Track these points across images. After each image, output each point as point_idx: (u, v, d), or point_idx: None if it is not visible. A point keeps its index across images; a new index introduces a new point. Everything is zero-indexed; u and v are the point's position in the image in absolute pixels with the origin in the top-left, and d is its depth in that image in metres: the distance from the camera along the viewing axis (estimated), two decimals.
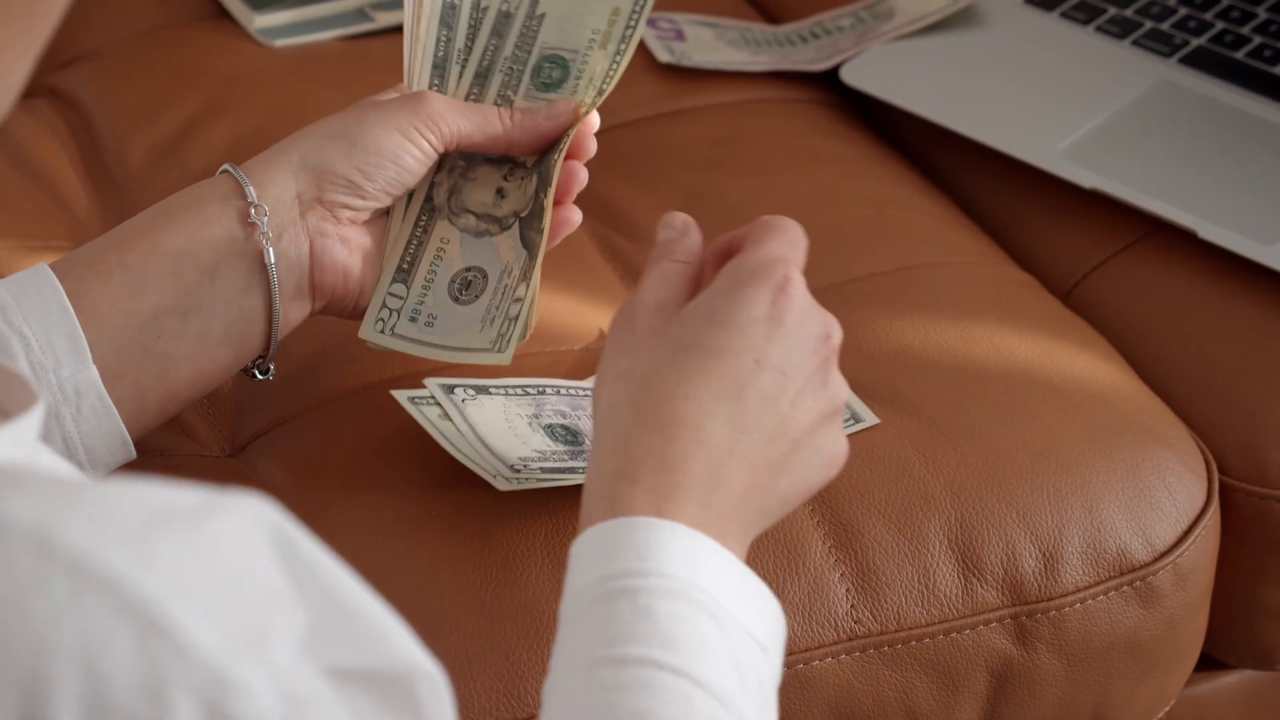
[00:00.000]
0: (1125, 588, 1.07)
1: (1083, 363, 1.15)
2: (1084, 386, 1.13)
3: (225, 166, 1.02)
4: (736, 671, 0.83)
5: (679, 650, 0.82)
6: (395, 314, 1.04)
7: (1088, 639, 1.06)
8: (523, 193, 1.05)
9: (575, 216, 1.06)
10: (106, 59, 1.39)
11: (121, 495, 0.65)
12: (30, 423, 0.72)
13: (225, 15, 1.42)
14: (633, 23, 1.04)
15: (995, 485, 1.07)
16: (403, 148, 1.02)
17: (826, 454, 0.91)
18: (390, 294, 1.04)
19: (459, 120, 1.03)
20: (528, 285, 1.02)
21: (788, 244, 0.92)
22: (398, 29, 1.42)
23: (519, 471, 1.00)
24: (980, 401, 1.10)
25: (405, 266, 1.04)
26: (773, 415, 0.89)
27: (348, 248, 1.03)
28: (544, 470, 1.00)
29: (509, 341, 1.02)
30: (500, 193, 1.05)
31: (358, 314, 1.05)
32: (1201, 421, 1.16)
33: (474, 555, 1.01)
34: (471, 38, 1.06)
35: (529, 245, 1.04)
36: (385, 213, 1.05)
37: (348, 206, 1.02)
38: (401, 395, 1.04)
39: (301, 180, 1.01)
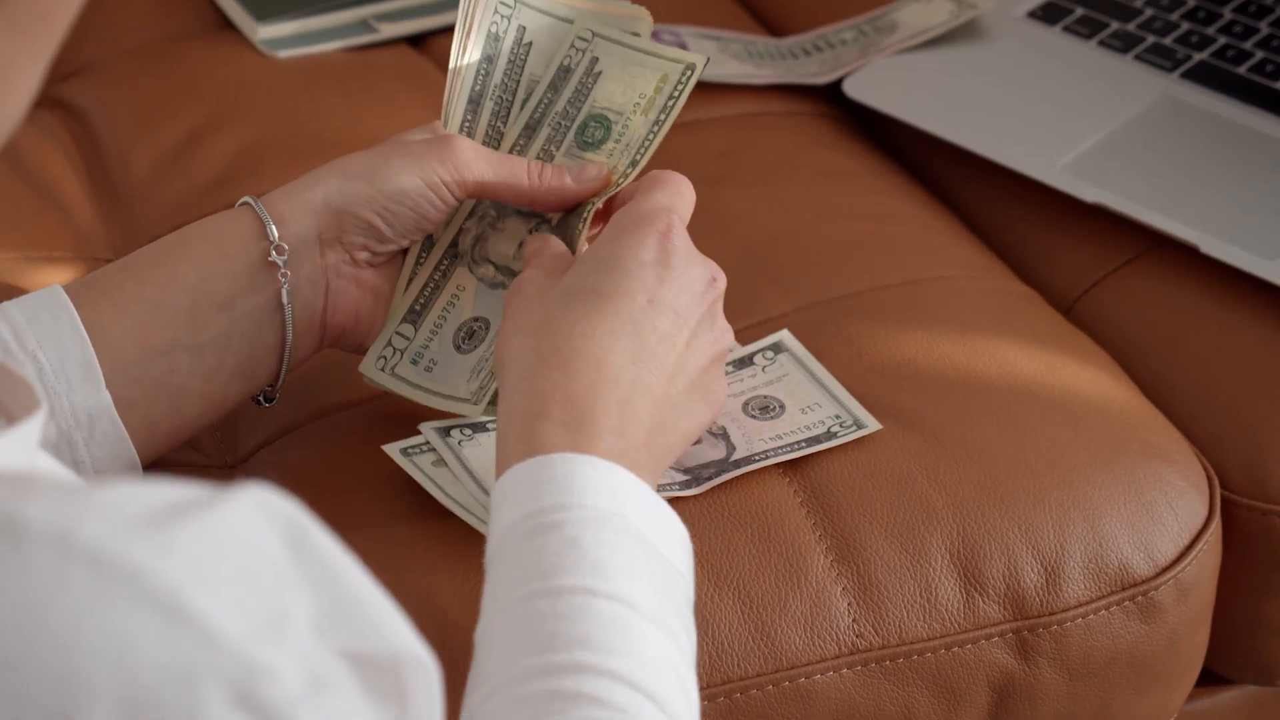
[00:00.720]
0: (1127, 602, 1.07)
1: (1085, 377, 1.15)
2: (1086, 401, 1.13)
3: (246, 199, 1.01)
4: (664, 593, 0.86)
5: (609, 576, 0.85)
6: (399, 354, 1.04)
7: (1089, 654, 1.06)
8: None
9: None
10: (111, 69, 1.39)
11: (131, 492, 0.65)
12: (33, 427, 0.72)
13: (229, 26, 1.42)
14: (676, 93, 1.04)
15: (997, 499, 1.07)
16: (424, 195, 1.01)
17: (713, 394, 0.96)
18: (398, 333, 1.04)
19: (484, 170, 1.02)
20: None
21: (671, 194, 0.97)
22: (401, 41, 1.42)
23: None
24: (982, 415, 1.10)
25: (417, 309, 1.04)
26: (670, 353, 0.93)
27: (361, 289, 1.03)
28: None
29: (486, 396, 1.01)
30: (523, 247, 1.04)
31: (363, 350, 1.05)
32: (1203, 436, 1.16)
33: (474, 569, 1.01)
34: (509, 74, 1.05)
35: None
36: (402, 254, 1.05)
37: (366, 248, 1.02)
38: (393, 449, 1.03)
39: (324, 220, 1.01)
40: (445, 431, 1.04)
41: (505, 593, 0.86)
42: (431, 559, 1.02)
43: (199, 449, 1.11)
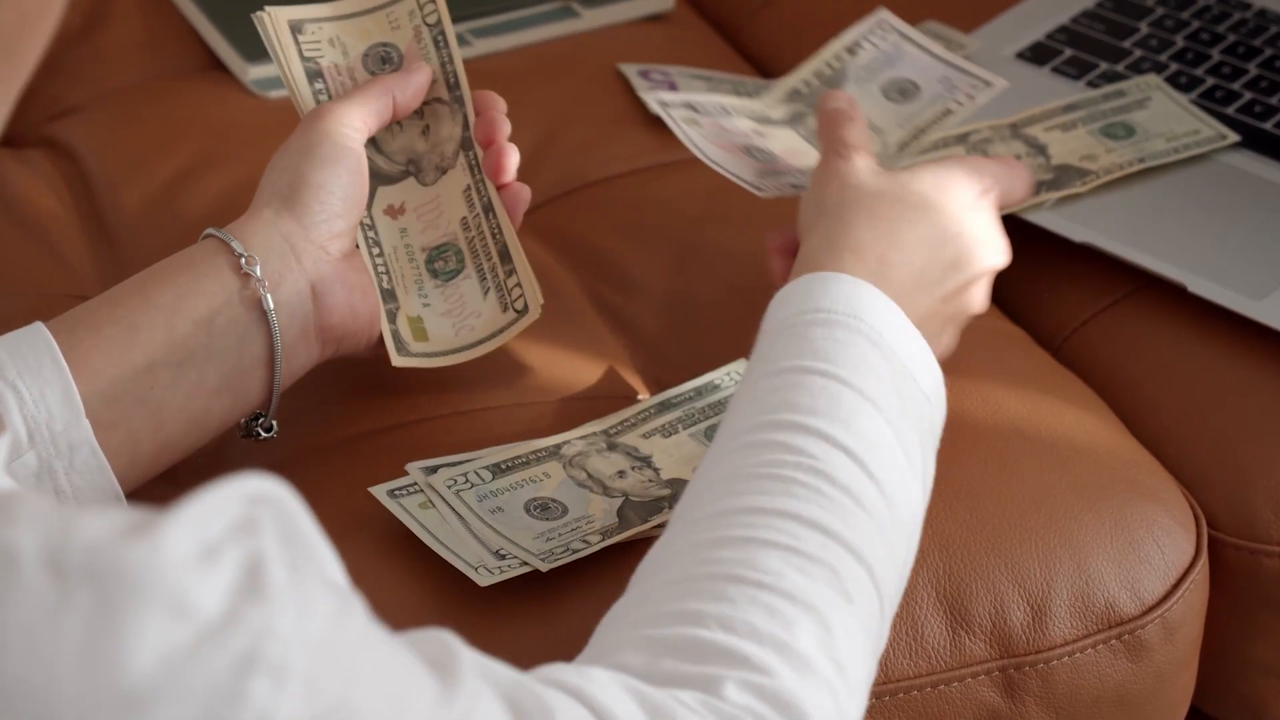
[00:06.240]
0: (1113, 641, 1.07)
1: (1073, 417, 1.15)
2: (1074, 440, 1.13)
3: (208, 230, 1.04)
4: (899, 398, 0.95)
5: (842, 365, 0.94)
6: (471, 487, 1.04)
7: (1075, 692, 1.06)
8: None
9: (525, 193, 1.13)
10: (102, 110, 1.39)
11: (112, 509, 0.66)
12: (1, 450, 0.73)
13: (220, 67, 1.43)
14: (428, 12, 1.13)
15: (984, 538, 1.07)
16: (338, 133, 1.05)
17: (949, 342, 1.08)
18: (476, 473, 1.05)
19: (360, 105, 1.08)
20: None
21: (1004, 173, 1.11)
22: None
23: (504, 558, 1.00)
24: (970, 455, 1.10)
25: (504, 468, 1.05)
26: (950, 282, 1.05)
27: (346, 286, 1.05)
28: (523, 560, 1.00)
29: (555, 561, 1.00)
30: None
31: (371, 350, 1.08)
32: (1190, 475, 1.16)
33: (459, 606, 1.01)
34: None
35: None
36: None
37: (331, 232, 1.04)
38: (380, 491, 1.04)
39: (283, 223, 1.04)
40: (431, 470, 1.04)
41: (751, 373, 0.96)
42: (423, 599, 1.02)
43: (182, 486, 1.11)
